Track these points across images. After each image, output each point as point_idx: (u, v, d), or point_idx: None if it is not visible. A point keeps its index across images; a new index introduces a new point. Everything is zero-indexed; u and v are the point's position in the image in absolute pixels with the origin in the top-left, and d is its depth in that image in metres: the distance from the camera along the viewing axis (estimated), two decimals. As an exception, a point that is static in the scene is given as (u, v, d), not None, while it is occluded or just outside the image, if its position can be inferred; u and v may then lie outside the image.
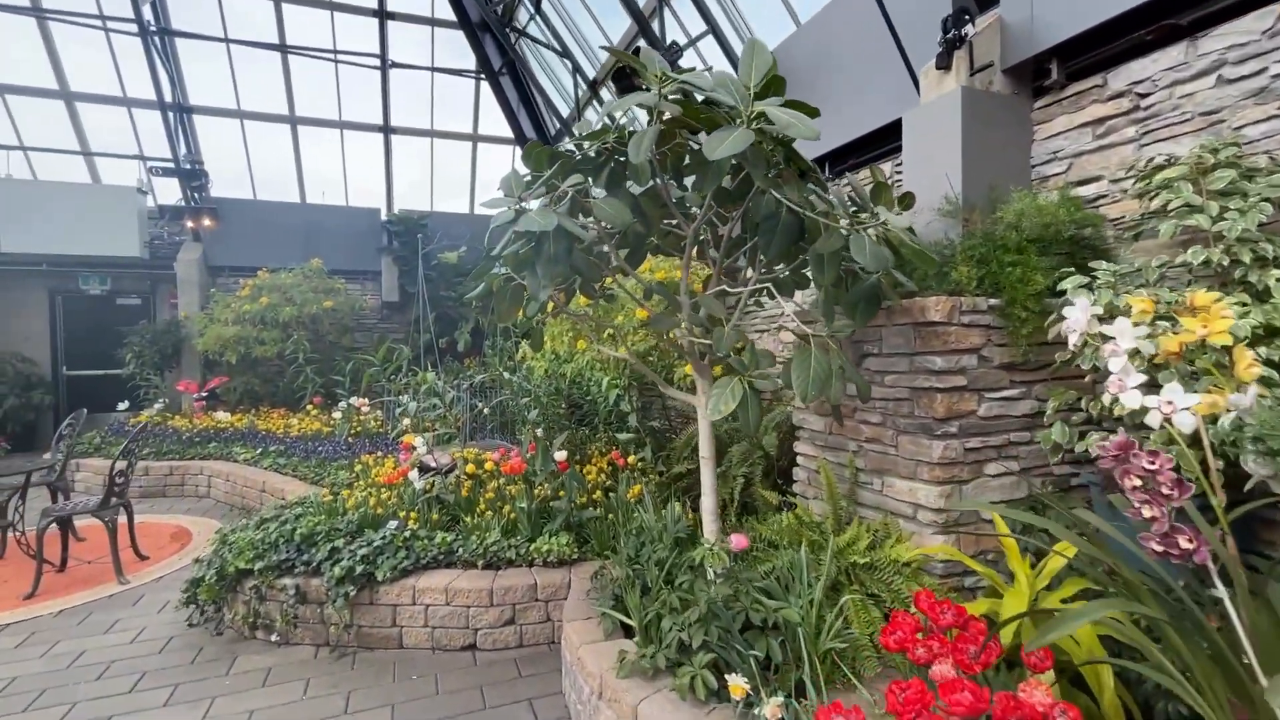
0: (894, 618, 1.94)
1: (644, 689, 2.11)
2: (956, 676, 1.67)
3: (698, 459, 4.31)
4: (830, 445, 3.15)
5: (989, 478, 2.60)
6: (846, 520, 2.90)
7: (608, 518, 3.64)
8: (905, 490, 2.66)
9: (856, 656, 2.21)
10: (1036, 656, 1.71)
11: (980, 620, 1.85)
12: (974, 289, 2.58)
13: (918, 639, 1.83)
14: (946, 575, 2.54)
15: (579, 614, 2.74)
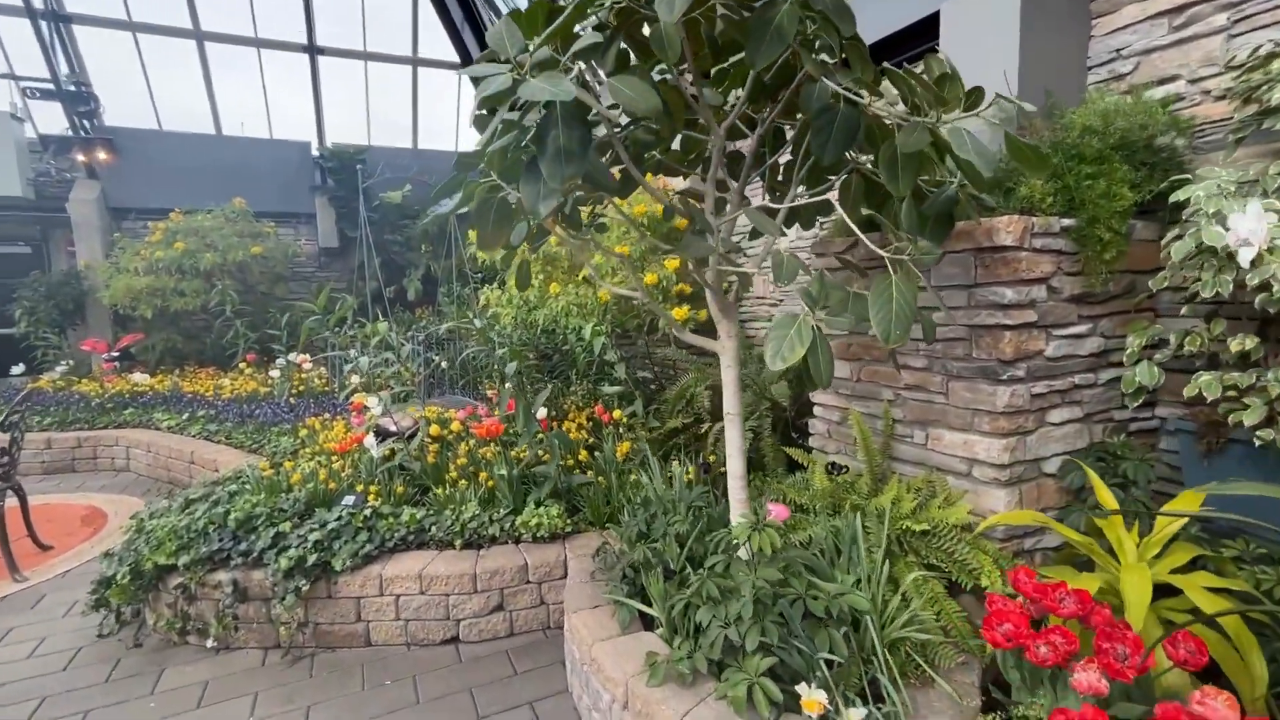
0: (993, 605, 1.59)
1: (683, 700, 1.72)
2: (1104, 683, 1.32)
3: (693, 413, 3.91)
4: (859, 394, 2.76)
5: (1052, 426, 2.27)
6: (881, 478, 2.55)
7: (600, 482, 3.21)
8: (958, 443, 2.31)
9: (927, 644, 1.87)
10: (1187, 650, 1.38)
11: (1105, 606, 1.51)
12: (1047, 207, 2.18)
13: (1034, 633, 1.48)
14: (1007, 539, 2.22)
15: (585, 602, 2.32)
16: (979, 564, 2.02)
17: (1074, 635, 1.46)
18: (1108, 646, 1.37)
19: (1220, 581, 1.65)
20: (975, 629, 1.98)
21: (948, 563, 2.09)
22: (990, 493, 2.22)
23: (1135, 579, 1.61)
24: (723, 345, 2.23)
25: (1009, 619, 1.52)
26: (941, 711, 1.67)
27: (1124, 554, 1.75)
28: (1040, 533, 2.29)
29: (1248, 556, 1.78)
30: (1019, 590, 1.63)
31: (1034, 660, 1.44)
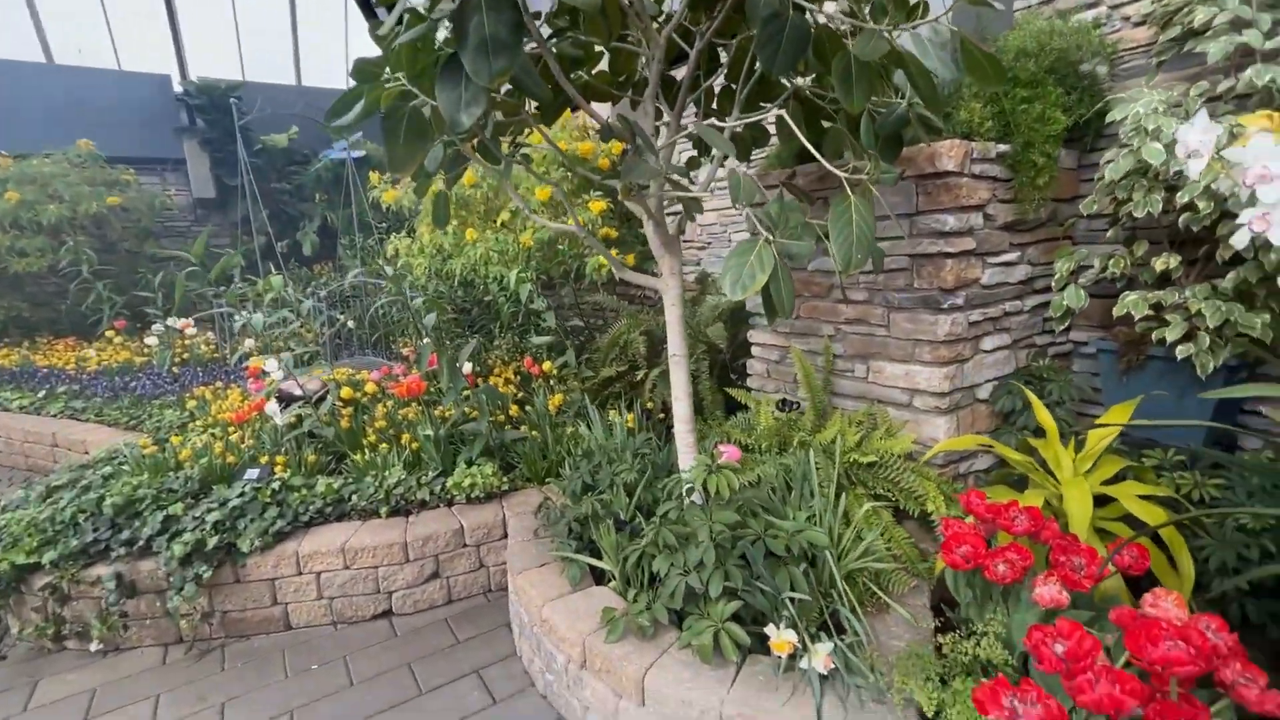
0: (949, 529, 1.59)
1: (646, 653, 1.65)
2: (1064, 594, 1.34)
3: (628, 360, 3.78)
4: (798, 331, 2.73)
5: (985, 354, 2.32)
6: (824, 415, 2.54)
7: (534, 437, 3.05)
8: (899, 375, 2.32)
9: (881, 573, 1.89)
10: (1130, 556, 1.43)
11: (1052, 520, 1.55)
12: (985, 131, 2.15)
13: (990, 553, 1.49)
14: (945, 465, 2.28)
15: (529, 561, 2.19)
16: (924, 491, 2.05)
17: (1029, 551, 1.48)
18: (1064, 559, 1.39)
19: (1147, 489, 1.74)
20: (923, 554, 2.02)
21: (894, 492, 2.12)
22: (931, 421, 2.26)
23: (1077, 493, 1.66)
24: (665, 283, 2.09)
25: (967, 541, 1.53)
26: (899, 636, 1.69)
27: (1062, 470, 1.81)
28: (973, 457, 2.36)
29: (1166, 464, 1.89)
30: (972, 512, 1.64)
31: (992, 578, 1.45)
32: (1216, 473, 1.81)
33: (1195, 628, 0.99)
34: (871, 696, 1.47)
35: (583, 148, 3.59)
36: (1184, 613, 1.23)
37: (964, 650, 1.46)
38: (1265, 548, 1.62)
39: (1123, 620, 1.27)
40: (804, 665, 1.50)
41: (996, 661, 1.42)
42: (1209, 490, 1.75)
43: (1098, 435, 1.82)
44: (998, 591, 1.58)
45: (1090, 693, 0.96)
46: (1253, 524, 1.66)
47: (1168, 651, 0.96)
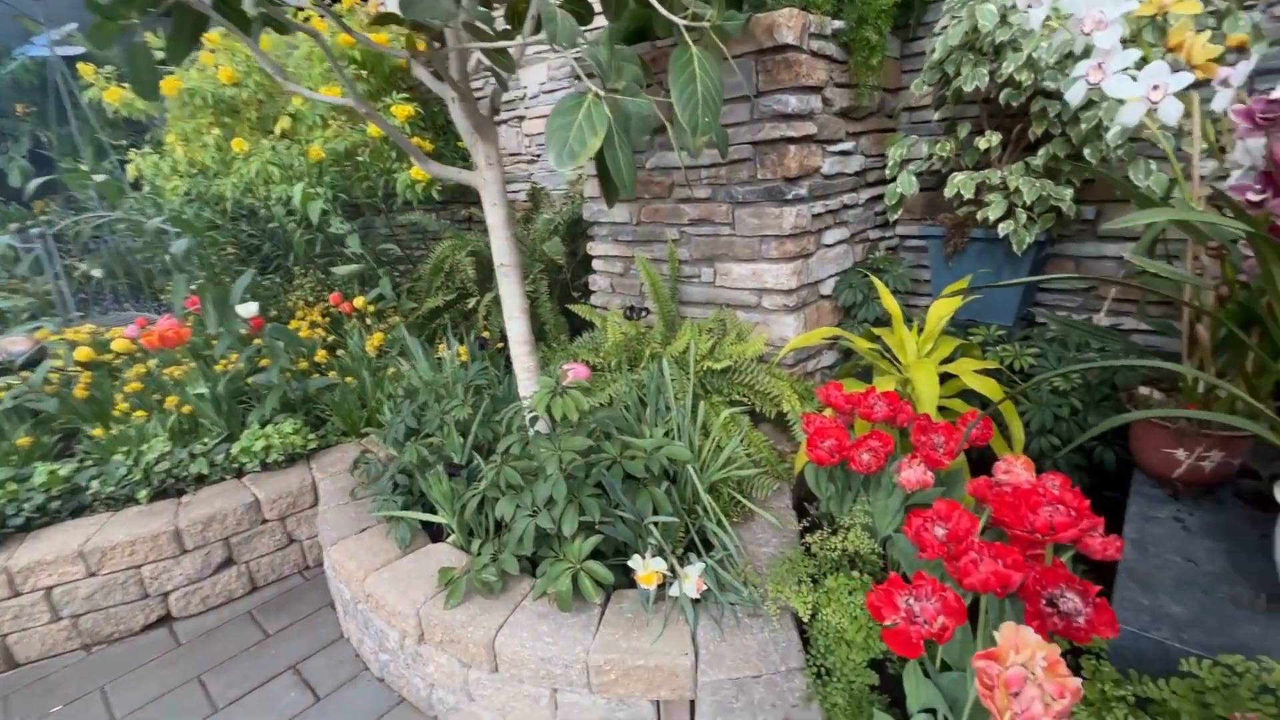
0: (811, 424, 1.50)
1: (496, 611, 1.40)
2: (929, 474, 1.30)
3: (456, 286, 3.33)
4: (641, 238, 2.50)
5: (827, 248, 2.27)
6: (673, 325, 2.39)
7: (348, 383, 2.57)
8: (747, 275, 2.20)
9: (743, 480, 1.79)
10: (978, 430, 1.43)
11: (905, 403, 1.51)
12: (821, 2, 2.00)
13: (855, 443, 1.42)
14: (795, 364, 2.24)
15: (346, 528, 1.81)
16: (779, 391, 1.98)
17: (890, 437, 1.43)
18: (925, 439, 1.35)
19: (980, 364, 1.79)
20: (781, 455, 1.96)
21: (750, 396, 2.02)
22: (780, 321, 2.18)
23: (923, 374, 1.65)
24: (481, 177, 1.72)
25: (830, 434, 1.44)
26: (767, 542, 1.61)
27: (907, 353, 1.81)
28: (819, 354, 2.35)
29: (990, 340, 1.97)
30: (832, 404, 1.57)
31: (858, 469, 1.38)
32: (1029, 344, 1.92)
33: (1069, 490, 0.94)
34: (747, 611, 1.36)
35: (378, 38, 2.95)
36: (1032, 475, 1.24)
37: (833, 546, 1.39)
38: (1073, 405, 1.74)
39: (980, 492, 1.25)
40: (674, 593, 1.34)
41: (865, 552, 1.36)
42: (1027, 360, 1.85)
43: (936, 315, 1.83)
44: (858, 482, 1.54)
45: (976, 574, 0.87)
46: (1063, 384, 1.77)
47: (1050, 518, 0.90)
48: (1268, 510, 1.39)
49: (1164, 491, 1.46)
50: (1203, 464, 1.41)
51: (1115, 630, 0.84)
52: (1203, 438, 1.38)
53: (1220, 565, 1.21)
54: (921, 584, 0.85)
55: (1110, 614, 0.86)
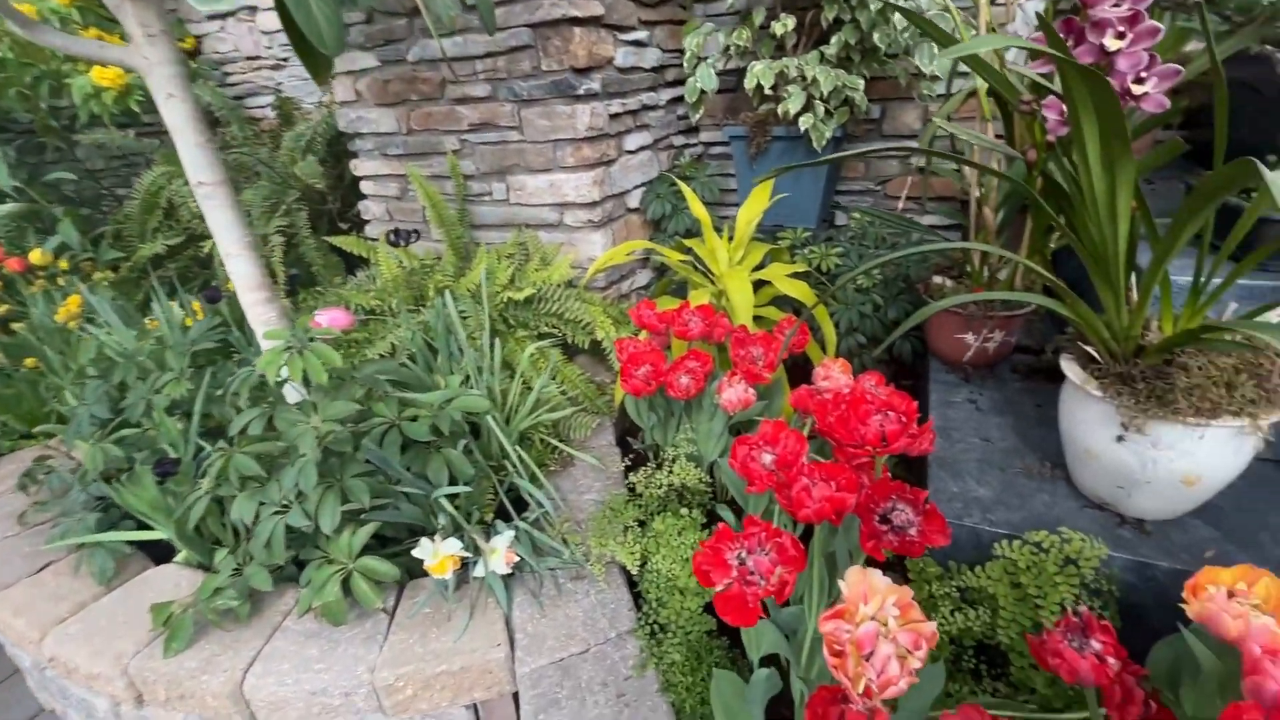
0: (624, 350, 1.31)
1: (243, 646, 1.06)
2: (750, 392, 1.18)
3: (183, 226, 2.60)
4: (415, 150, 2.07)
5: (629, 154, 2.05)
6: (466, 254, 2.04)
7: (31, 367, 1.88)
8: (544, 188, 1.91)
9: (559, 421, 1.58)
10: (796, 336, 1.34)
11: (721, 315, 1.38)
12: None
13: (672, 366, 1.26)
14: (607, 286, 2.04)
15: (20, 568, 1.29)
16: (591, 318, 1.77)
17: (708, 355, 1.28)
18: (743, 353, 1.22)
19: (790, 268, 1.72)
20: (600, 388, 1.78)
21: (560, 326, 1.79)
22: (587, 239, 1.94)
23: (737, 283, 1.53)
24: (141, 54, 1.20)
25: (645, 359, 1.26)
26: (589, 488, 1.43)
27: (719, 262, 1.68)
28: (632, 274, 2.18)
29: (798, 242, 1.92)
30: (644, 325, 1.39)
31: (677, 394, 1.23)
32: (833, 245, 1.90)
33: (897, 394, 0.84)
34: (570, 575, 1.18)
35: None
36: (850, 378, 1.17)
37: (659, 483, 1.24)
38: (875, 301, 1.76)
39: (803, 403, 1.16)
40: (479, 573, 1.11)
41: (692, 484, 1.23)
42: (832, 260, 1.83)
43: (744, 219, 1.72)
44: (680, 407, 1.40)
45: (810, 502, 0.75)
46: (865, 281, 1.78)
47: (881, 427, 0.79)
48: (1036, 381, 1.50)
49: (957, 376, 1.52)
50: (987, 345, 1.47)
51: (947, 537, 0.76)
52: (988, 319, 1.43)
53: (1011, 441, 1.26)
54: (753, 531, 0.70)
55: (941, 520, 0.79)
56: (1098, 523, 1.03)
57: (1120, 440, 0.95)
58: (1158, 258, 0.80)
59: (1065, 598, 0.87)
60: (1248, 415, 0.86)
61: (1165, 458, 0.92)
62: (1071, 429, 1.04)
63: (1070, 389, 1.03)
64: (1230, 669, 0.70)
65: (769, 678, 0.82)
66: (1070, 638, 0.66)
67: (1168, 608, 0.95)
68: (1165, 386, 0.88)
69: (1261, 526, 1.00)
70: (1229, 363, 0.88)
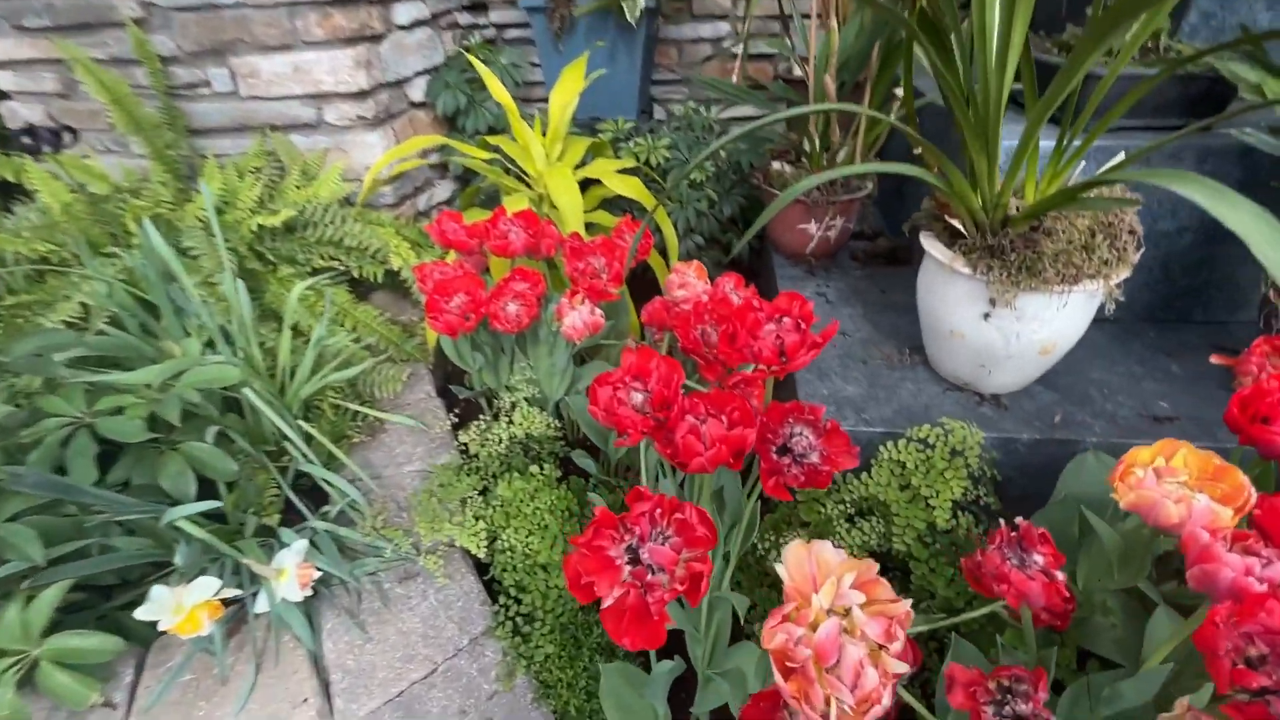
0: (427, 279, 1.02)
1: None
2: (597, 313, 0.96)
3: None
4: (70, 22, 1.43)
5: (402, 31, 1.61)
6: (187, 172, 1.51)
7: None
8: (288, 72, 1.43)
9: (357, 378, 1.24)
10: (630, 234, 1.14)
11: (548, 223, 1.12)
12: None
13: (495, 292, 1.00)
14: (398, 203, 1.64)
15: None
16: (382, 242, 1.40)
17: (538, 273, 1.03)
18: (583, 266, 0.99)
19: (617, 163, 1.48)
20: (407, 329, 1.44)
21: (341, 257, 1.39)
22: (360, 141, 1.52)
23: (562, 182, 1.26)
24: None
25: (458, 287, 0.97)
26: (410, 457, 1.14)
27: (534, 161, 1.39)
28: (428, 187, 1.79)
29: (620, 135, 1.68)
30: (449, 243, 1.08)
31: (506, 327, 0.97)
32: (659, 136, 1.69)
33: (785, 295, 0.67)
34: (398, 576, 0.91)
35: None
36: (706, 282, 1.00)
37: (497, 438, 1.00)
38: (710, 197, 1.61)
39: (658, 317, 0.98)
40: (261, 608, 0.80)
41: (539, 432, 1.01)
42: (661, 154, 1.62)
43: (558, 105, 1.42)
44: (511, 341, 1.15)
45: (701, 449, 0.57)
46: (698, 175, 1.61)
47: (779, 339, 0.62)
48: (875, 266, 1.47)
49: (801, 270, 1.44)
50: (829, 234, 1.40)
51: (854, 457, 0.63)
52: (830, 205, 1.35)
53: (865, 330, 1.21)
54: (643, 510, 0.50)
55: (844, 438, 0.65)
56: (961, 404, 1.01)
57: (987, 317, 0.90)
58: (1040, 105, 0.71)
59: (955, 490, 0.82)
60: (1102, 277, 0.84)
61: (1029, 329, 0.89)
62: (935, 311, 0.98)
63: (933, 269, 0.96)
64: (1131, 539, 0.67)
65: (673, 670, 0.66)
66: (1009, 555, 0.57)
67: (1031, 476, 0.96)
68: (1034, 256, 0.83)
69: (1088, 383, 1.05)
70: (1085, 224, 0.84)
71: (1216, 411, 0.97)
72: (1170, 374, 1.07)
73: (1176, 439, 0.58)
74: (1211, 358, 0.82)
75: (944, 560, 0.80)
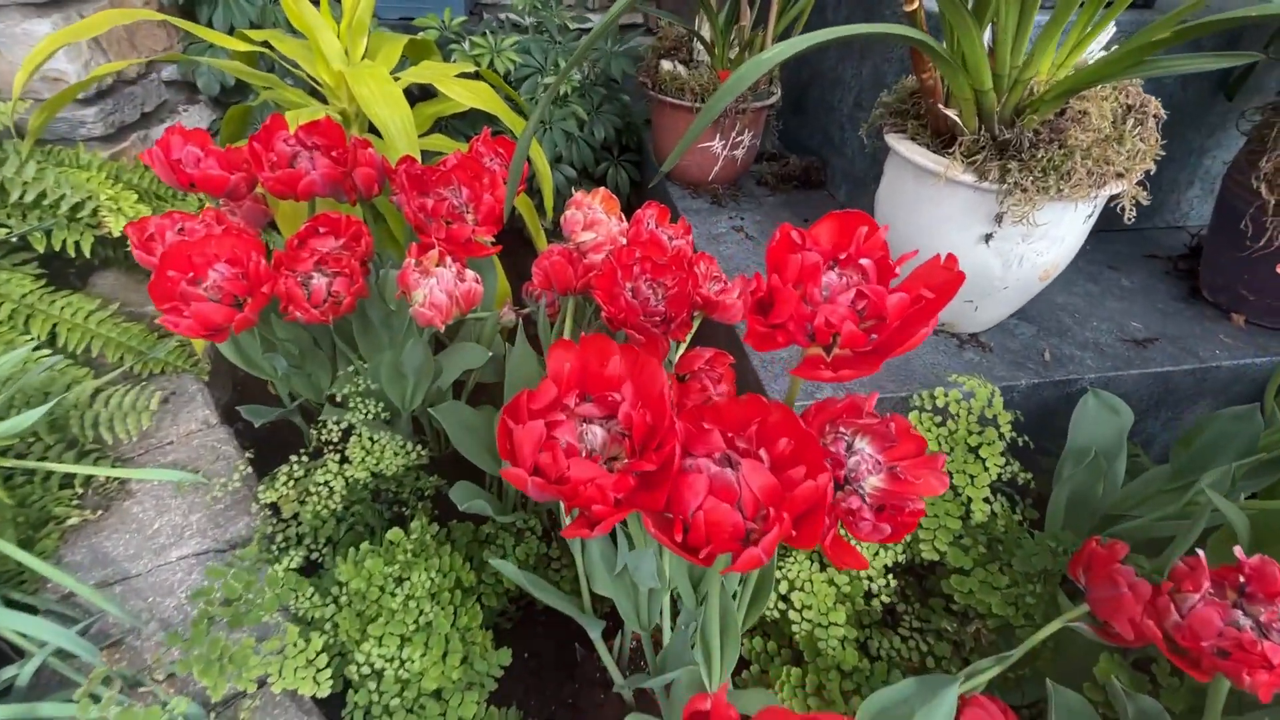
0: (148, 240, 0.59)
1: None
2: (466, 281, 0.61)
3: None
4: None
5: None
6: None
7: None
8: None
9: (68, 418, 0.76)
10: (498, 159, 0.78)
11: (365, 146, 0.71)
12: None
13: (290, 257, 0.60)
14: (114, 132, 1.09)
15: None
16: (87, 193, 0.88)
17: (355, 220, 0.65)
18: (434, 201, 0.62)
19: (455, 68, 1.08)
20: (151, 323, 0.95)
21: (14, 219, 0.86)
22: (21, 32, 0.95)
23: (379, 87, 0.84)
24: None
25: (214, 252, 0.57)
26: (183, 532, 0.71)
27: (329, 59, 0.93)
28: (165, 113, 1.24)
29: (448, 35, 1.26)
30: (189, 180, 0.65)
31: (309, 314, 0.59)
32: (504, 36, 1.29)
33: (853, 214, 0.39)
34: None
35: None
36: (620, 218, 0.69)
37: (325, 489, 0.63)
38: (579, 116, 1.27)
39: (557, 274, 0.65)
40: None
41: (391, 469, 0.65)
42: (510, 58, 1.23)
43: None
44: (328, 332, 0.75)
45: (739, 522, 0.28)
46: (564, 88, 1.26)
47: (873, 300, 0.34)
48: (788, 191, 1.24)
49: (706, 200, 1.17)
50: (736, 153, 1.14)
51: (943, 479, 0.38)
52: (738, 117, 1.08)
53: (804, 269, 0.97)
54: None
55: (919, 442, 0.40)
56: (943, 351, 0.82)
57: (989, 239, 0.70)
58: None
59: (993, 472, 0.62)
60: (1128, 173, 0.66)
61: (1034, 251, 0.70)
62: (911, 237, 0.76)
63: (909, 182, 0.74)
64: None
65: None
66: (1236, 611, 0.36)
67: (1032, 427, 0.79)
68: (1063, 152, 0.62)
69: (1057, 309, 0.91)
70: (1109, 105, 0.65)
71: (1186, 328, 0.89)
72: (1125, 289, 0.98)
73: None
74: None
75: (996, 568, 0.60)
